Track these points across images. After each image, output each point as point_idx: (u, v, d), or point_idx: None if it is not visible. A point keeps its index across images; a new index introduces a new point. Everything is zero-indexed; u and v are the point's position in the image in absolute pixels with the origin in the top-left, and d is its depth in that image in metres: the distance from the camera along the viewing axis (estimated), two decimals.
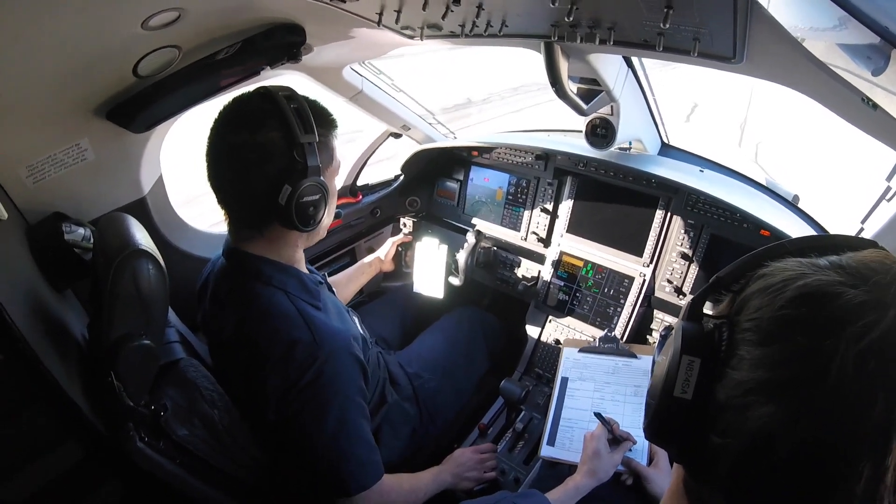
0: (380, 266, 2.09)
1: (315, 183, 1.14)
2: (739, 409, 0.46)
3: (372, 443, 1.23)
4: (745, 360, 0.47)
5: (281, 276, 1.21)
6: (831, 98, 1.01)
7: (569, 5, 1.00)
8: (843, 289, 0.45)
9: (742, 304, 0.51)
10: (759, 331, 0.47)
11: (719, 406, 0.49)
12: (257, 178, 1.12)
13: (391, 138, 2.29)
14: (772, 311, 0.47)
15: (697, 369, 0.51)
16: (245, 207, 1.18)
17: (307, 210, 1.15)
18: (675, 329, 0.56)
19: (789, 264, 0.50)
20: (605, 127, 1.80)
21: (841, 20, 0.72)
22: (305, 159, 1.11)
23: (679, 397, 0.51)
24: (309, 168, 1.12)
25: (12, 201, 1.14)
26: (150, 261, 0.97)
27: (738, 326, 0.50)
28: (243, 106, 1.13)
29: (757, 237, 1.64)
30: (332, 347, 1.16)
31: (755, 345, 0.47)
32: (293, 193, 1.11)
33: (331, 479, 1.16)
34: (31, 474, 0.94)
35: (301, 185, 1.11)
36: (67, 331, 1.09)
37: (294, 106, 1.11)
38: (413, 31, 1.39)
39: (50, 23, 0.86)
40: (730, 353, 0.50)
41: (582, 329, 1.97)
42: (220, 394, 1.18)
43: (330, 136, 1.22)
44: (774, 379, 0.45)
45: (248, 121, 1.10)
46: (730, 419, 0.47)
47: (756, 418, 0.45)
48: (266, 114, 1.10)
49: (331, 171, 1.24)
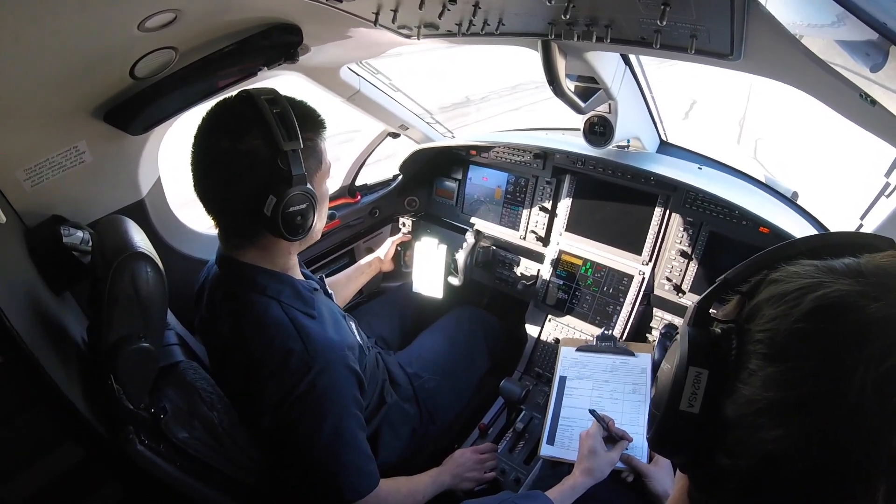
0: (379, 266, 2.09)
1: (301, 192, 1.11)
2: (749, 429, 0.44)
3: (368, 453, 1.23)
4: (756, 376, 0.44)
5: (275, 285, 1.20)
6: (830, 95, 1.01)
7: (565, 3, 1.00)
8: (864, 301, 0.41)
9: (754, 310, 0.48)
10: (773, 345, 0.44)
11: (728, 423, 0.46)
12: (241, 189, 1.09)
13: (389, 138, 2.29)
14: (787, 323, 0.44)
15: (705, 382, 0.48)
16: (232, 217, 1.17)
17: (294, 219, 1.12)
18: (680, 334, 0.53)
19: (804, 269, 0.46)
20: (603, 125, 1.80)
21: (839, 17, 0.72)
22: (290, 168, 1.08)
23: (685, 411, 0.48)
24: (294, 177, 1.09)
25: (10, 204, 1.14)
26: (148, 263, 0.96)
27: (750, 336, 0.46)
28: (225, 112, 1.11)
29: (756, 234, 1.64)
30: (326, 359, 1.15)
31: (768, 360, 0.44)
32: (278, 204, 1.08)
33: (326, 488, 1.16)
34: (30, 476, 0.94)
35: (286, 195, 1.08)
36: (66, 334, 1.09)
37: (276, 111, 1.08)
38: (410, 31, 1.39)
39: (47, 25, 0.86)
40: (739, 365, 0.46)
41: (582, 328, 1.97)
42: (220, 396, 1.18)
43: (317, 139, 1.19)
44: (787, 399, 0.42)
45: (230, 128, 1.08)
46: (739, 438, 0.45)
47: (767, 441, 0.42)
48: (248, 121, 1.07)
49: (320, 175, 1.22)
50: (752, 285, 0.51)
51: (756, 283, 0.50)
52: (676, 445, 0.52)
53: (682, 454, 0.53)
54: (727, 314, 0.52)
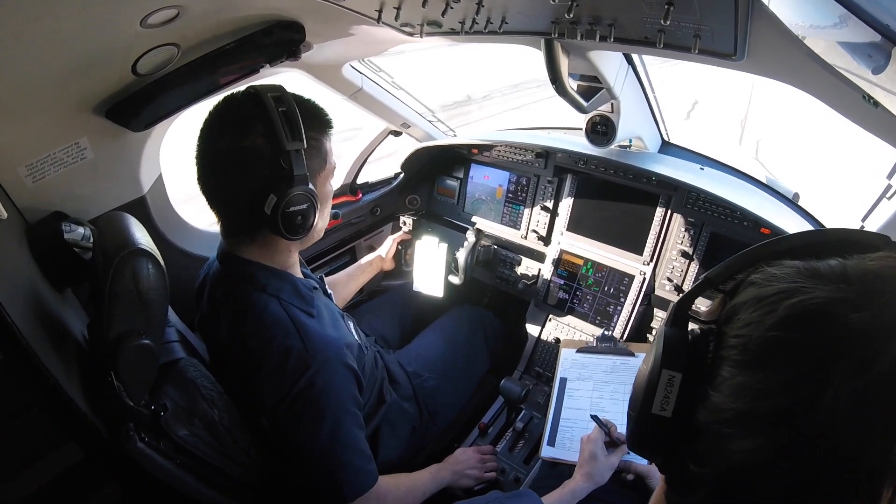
0: (381, 264, 2.09)
1: (303, 192, 1.10)
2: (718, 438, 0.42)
3: (367, 451, 1.22)
4: (726, 384, 0.42)
5: (275, 283, 1.20)
6: (832, 96, 1.01)
7: (569, 2, 1.00)
8: (843, 310, 0.38)
9: (731, 312, 0.45)
10: (745, 352, 0.42)
11: (699, 429, 0.44)
12: (243, 186, 1.09)
13: (391, 136, 2.29)
14: (761, 330, 0.41)
15: (678, 386, 0.46)
16: (233, 214, 1.17)
17: (294, 219, 1.11)
18: (657, 334, 0.50)
19: (785, 271, 0.43)
20: (605, 124, 1.80)
21: (842, 18, 0.72)
22: (292, 167, 1.07)
23: (658, 414, 0.46)
24: (296, 177, 1.08)
25: (12, 201, 1.14)
26: (149, 260, 0.96)
27: (725, 340, 0.44)
28: (231, 108, 1.10)
29: (757, 235, 1.63)
30: (325, 357, 1.15)
31: (739, 367, 0.42)
32: (279, 203, 1.07)
33: (325, 487, 1.16)
34: (31, 475, 0.94)
35: (287, 195, 1.08)
36: (67, 331, 1.09)
37: (282, 109, 1.07)
38: (413, 28, 1.39)
39: (49, 22, 0.86)
40: (714, 370, 0.44)
41: (582, 328, 1.97)
42: (220, 393, 1.18)
43: (323, 139, 1.19)
44: (756, 411, 0.40)
45: (235, 125, 1.08)
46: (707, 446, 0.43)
47: (734, 452, 0.40)
48: (253, 117, 1.06)
49: (323, 175, 1.21)
50: (734, 284, 0.48)
51: (738, 283, 0.47)
52: (651, 447, 0.51)
53: (658, 456, 0.51)
54: (709, 314, 0.49)
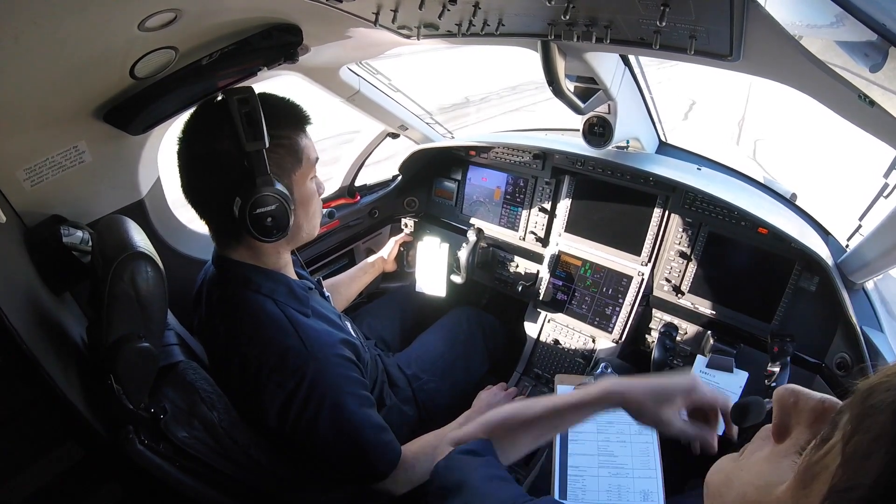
0: (383, 266, 2.09)
1: (269, 193, 1.09)
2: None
3: (382, 423, 1.26)
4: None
5: (269, 284, 1.21)
6: (829, 95, 1.01)
7: (565, 4, 1.00)
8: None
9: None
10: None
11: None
12: (213, 190, 1.11)
13: (389, 138, 2.29)
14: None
15: None
16: (213, 218, 1.18)
17: (263, 221, 1.10)
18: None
19: None
20: (602, 125, 1.80)
21: (838, 17, 0.72)
22: (254, 168, 1.08)
23: None
24: (259, 178, 1.08)
25: (10, 204, 1.14)
26: (148, 263, 0.96)
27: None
28: (203, 113, 1.12)
29: (755, 235, 1.64)
30: (323, 353, 1.16)
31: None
32: (244, 205, 1.07)
33: (360, 469, 1.20)
34: (30, 476, 0.94)
35: (251, 197, 1.07)
36: (66, 334, 1.09)
37: (245, 110, 1.06)
38: (410, 31, 1.39)
39: (47, 25, 0.86)
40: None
41: (581, 328, 1.97)
42: (219, 395, 1.18)
43: (297, 137, 1.18)
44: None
45: (205, 129, 1.10)
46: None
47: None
48: (220, 121, 1.07)
49: (300, 173, 1.21)
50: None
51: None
52: None
53: None
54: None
